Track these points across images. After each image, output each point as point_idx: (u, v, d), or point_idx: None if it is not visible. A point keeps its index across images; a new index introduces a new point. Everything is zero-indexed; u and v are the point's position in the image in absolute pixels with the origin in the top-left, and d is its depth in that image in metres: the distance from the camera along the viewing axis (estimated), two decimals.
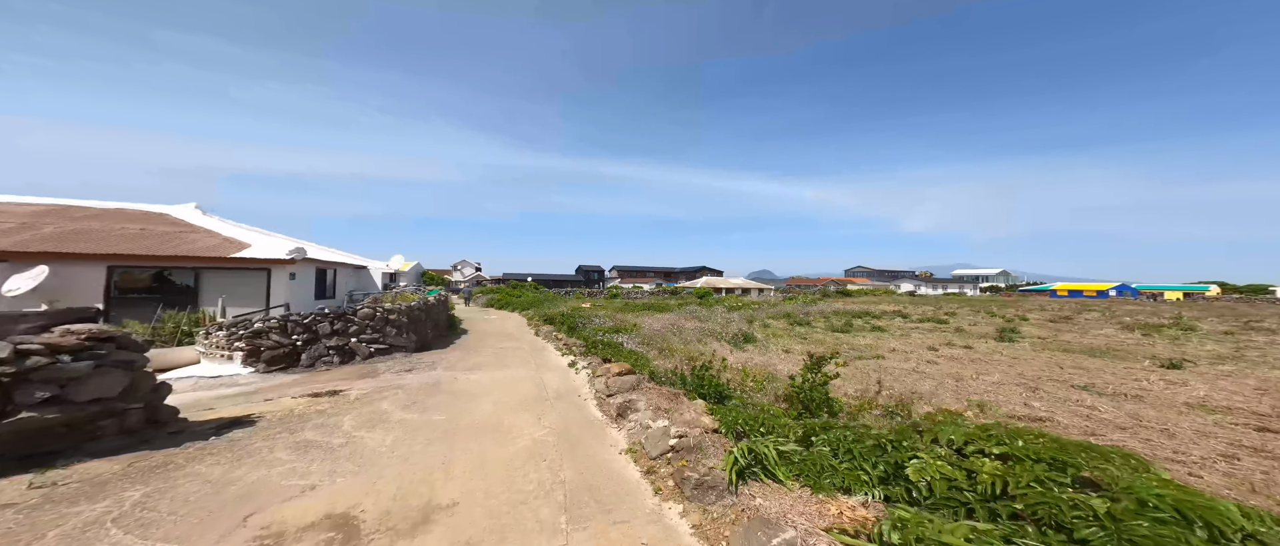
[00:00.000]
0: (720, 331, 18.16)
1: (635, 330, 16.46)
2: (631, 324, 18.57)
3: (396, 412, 7.54)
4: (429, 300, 16.59)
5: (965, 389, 10.04)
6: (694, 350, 13.58)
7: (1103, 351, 15.31)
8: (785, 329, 21.01)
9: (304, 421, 6.93)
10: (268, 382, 9.69)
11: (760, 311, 27.62)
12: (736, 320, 22.39)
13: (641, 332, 16.17)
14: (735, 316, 23.55)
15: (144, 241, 13.68)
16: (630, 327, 16.79)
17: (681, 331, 16.92)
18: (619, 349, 12.52)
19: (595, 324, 19.03)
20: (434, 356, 12.96)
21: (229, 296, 14.05)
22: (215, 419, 6.93)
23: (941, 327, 22.95)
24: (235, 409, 7.60)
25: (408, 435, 6.43)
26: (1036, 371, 11.99)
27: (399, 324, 12.89)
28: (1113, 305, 47.30)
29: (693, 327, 18.32)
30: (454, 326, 21.39)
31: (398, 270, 23.49)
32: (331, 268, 17.55)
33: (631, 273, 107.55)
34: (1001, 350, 15.70)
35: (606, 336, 14.99)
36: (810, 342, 16.64)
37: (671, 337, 15.55)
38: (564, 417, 7.37)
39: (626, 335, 15.40)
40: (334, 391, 8.75)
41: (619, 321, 19.94)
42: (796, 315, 25.65)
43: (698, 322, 21.10)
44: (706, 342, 15.55)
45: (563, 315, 21.17)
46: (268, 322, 10.71)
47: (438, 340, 16.10)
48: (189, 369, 10.11)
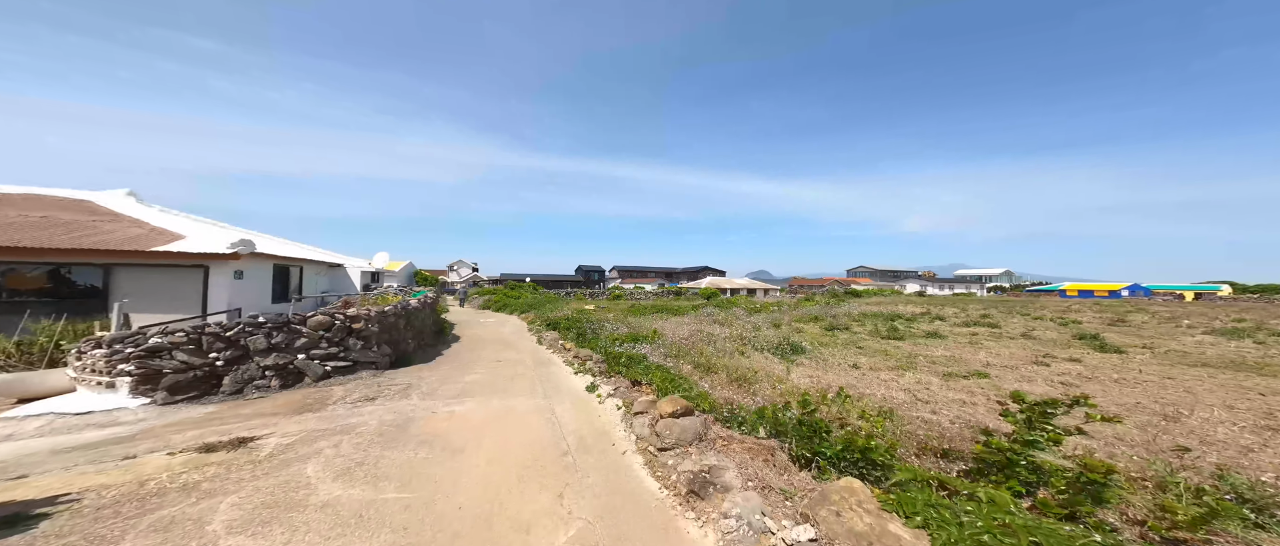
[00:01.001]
0: (752, 338, 15.34)
1: (655, 338, 13.55)
2: (649, 330, 15.67)
3: (324, 484, 4.61)
4: (411, 303, 13.66)
5: (1207, 435, 6.82)
6: (736, 365, 10.73)
7: (1248, 365, 12.37)
8: (824, 335, 18.15)
9: (145, 509, 4.01)
10: (162, 420, 6.73)
11: (782, 314, 24.78)
12: (764, 325, 19.54)
13: (664, 341, 13.27)
14: (760, 320, 20.68)
15: (38, 231, 10.69)
16: (649, 335, 13.87)
17: (713, 340, 14.02)
18: (645, 364, 9.67)
19: (607, 330, 16.17)
20: (411, 374, 10.02)
21: (154, 300, 11.06)
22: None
23: (996, 332, 20.14)
24: (57, 478, 4.66)
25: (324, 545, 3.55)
26: (1231, 395, 8.92)
27: (367, 334, 9.95)
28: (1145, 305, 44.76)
29: (721, 334, 15.42)
30: (444, 332, 18.45)
31: (382, 269, 20.54)
32: (297, 265, 14.54)
33: (632, 273, 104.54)
34: (1117, 362, 12.86)
35: (624, 346, 12.14)
36: (870, 353, 13.80)
37: (703, 347, 12.66)
38: (602, 496, 4.47)
39: (648, 344, 12.52)
40: (242, 439, 5.79)
41: (633, 327, 17.11)
42: (825, 318, 22.85)
43: (721, 328, 18.24)
44: (747, 354, 12.68)
45: (568, 320, 18.27)
46: (174, 336, 7.74)
47: (421, 351, 13.15)
48: (51, 402, 7.15)
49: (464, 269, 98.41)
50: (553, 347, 14.15)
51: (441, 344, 15.06)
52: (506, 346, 15.09)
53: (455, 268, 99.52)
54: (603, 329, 16.64)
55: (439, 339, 15.62)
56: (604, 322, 17.74)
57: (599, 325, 17.10)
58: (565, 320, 18.09)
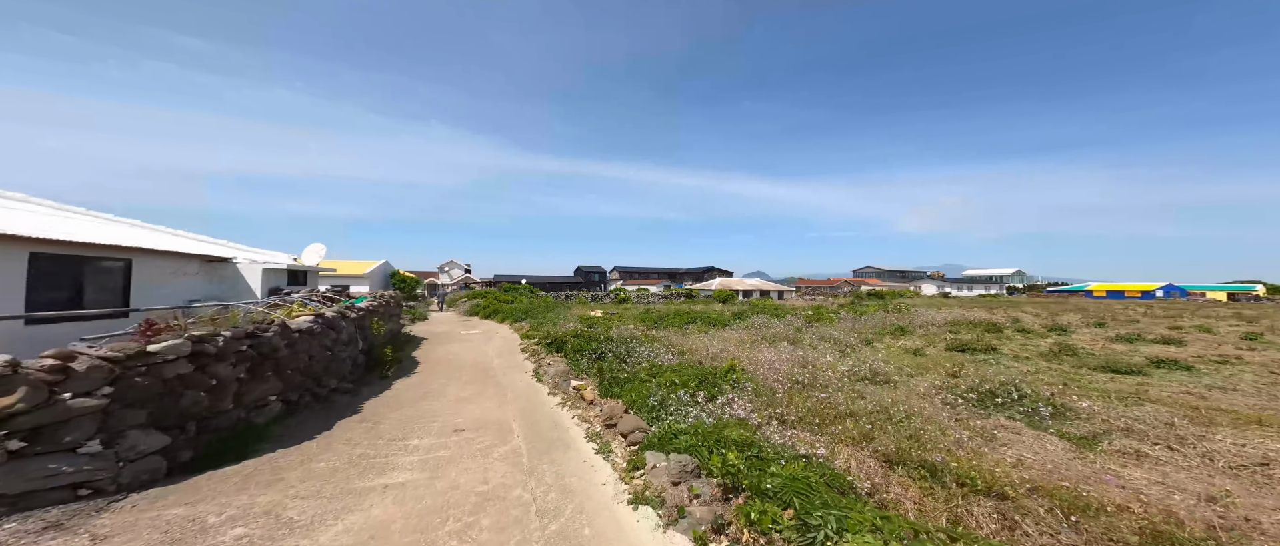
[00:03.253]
0: (861, 362, 10.03)
1: (735, 376, 8.15)
2: (705, 356, 10.32)
3: None
4: (293, 325, 8.14)
5: None
6: (929, 439, 5.49)
7: None
8: (944, 357, 12.71)
9: None
10: None
11: (846, 323, 19.35)
12: (849, 338, 14.20)
13: (753, 380, 7.90)
14: (840, 334, 15.30)
15: None
16: (721, 372, 8.43)
17: (819, 376, 8.63)
18: (772, 463, 4.33)
19: (639, 354, 10.81)
20: (217, 497, 4.63)
21: None
22: None
23: (1100, 336, 14.81)
24: None
25: None
26: None
27: (86, 412, 4.37)
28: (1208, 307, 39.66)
29: (822, 363, 10.04)
30: (398, 352, 13.04)
31: (314, 267, 14.95)
32: (113, 257, 8.50)
33: (634, 273, 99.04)
34: None
35: (689, 399, 6.79)
36: (1131, 401, 8.41)
37: (834, 395, 7.30)
38: None
39: (732, 388, 7.18)
40: None
41: (674, 348, 11.81)
42: (910, 330, 17.58)
43: (791, 346, 12.85)
44: (950, 417, 7.28)
45: (578, 338, 12.85)
46: None
47: (318, 406, 7.65)
48: None
49: (455, 270, 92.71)
50: (560, 392, 8.71)
51: (371, 383, 9.57)
52: (485, 382, 9.66)
53: (446, 268, 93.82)
54: (631, 352, 11.23)
55: (374, 371, 10.11)
56: (629, 342, 12.32)
57: (624, 347, 11.69)
58: (574, 339, 12.65)
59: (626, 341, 12.24)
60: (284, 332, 6.38)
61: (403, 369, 11.05)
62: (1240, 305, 47.71)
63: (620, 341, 12.37)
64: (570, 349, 12.22)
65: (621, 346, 11.81)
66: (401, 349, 13.82)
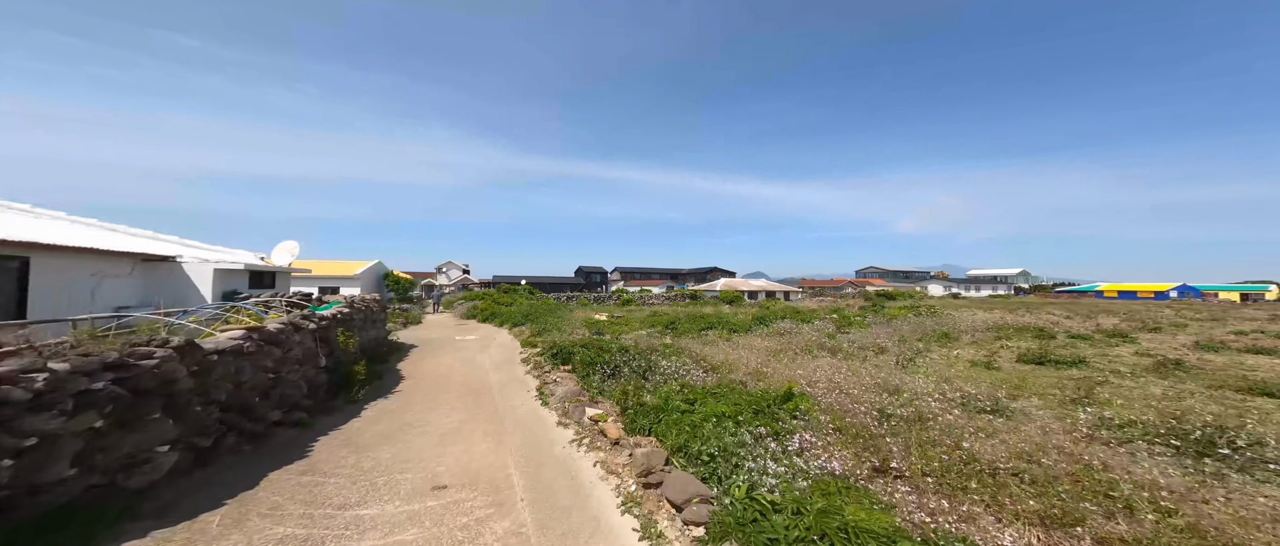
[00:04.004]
0: (930, 378, 8.22)
1: (796, 402, 6.28)
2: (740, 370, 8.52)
3: None
4: (210, 344, 6.35)
5: None
6: None
7: None
8: (1030, 373, 10.79)
9: None
10: None
11: (876, 328, 17.52)
12: (894, 346, 12.36)
13: (831, 412, 6.06)
14: (882, 341, 13.47)
15: None
16: (776, 398, 6.56)
17: (919, 408, 6.79)
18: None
19: (663, 370, 8.99)
20: None
21: None
22: None
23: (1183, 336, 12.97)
24: None
25: None
26: None
27: None
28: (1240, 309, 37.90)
29: (904, 385, 8.21)
30: (382, 360, 11.19)
31: (284, 268, 12.95)
32: None
33: (636, 274, 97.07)
34: None
35: (742, 434, 4.98)
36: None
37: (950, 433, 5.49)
38: None
39: (800, 421, 5.36)
40: None
41: (695, 356, 10.01)
42: (954, 334, 15.76)
43: (833, 356, 11.02)
44: None
45: (586, 348, 11.01)
46: None
47: (244, 448, 5.81)
48: None
49: (453, 271, 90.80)
50: (572, 423, 6.86)
51: (336, 409, 7.73)
52: (478, 407, 7.82)
53: (444, 269, 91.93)
54: (653, 368, 9.39)
55: (341, 394, 8.24)
56: (648, 355, 10.47)
57: (643, 361, 9.84)
58: (583, 351, 10.81)
59: (645, 353, 10.41)
60: (189, 355, 4.54)
61: (380, 388, 9.20)
62: (1274, 305, 45.98)
63: (638, 353, 10.53)
64: (579, 362, 10.37)
65: (640, 359, 9.98)
66: (384, 361, 11.98)
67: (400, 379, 10.21)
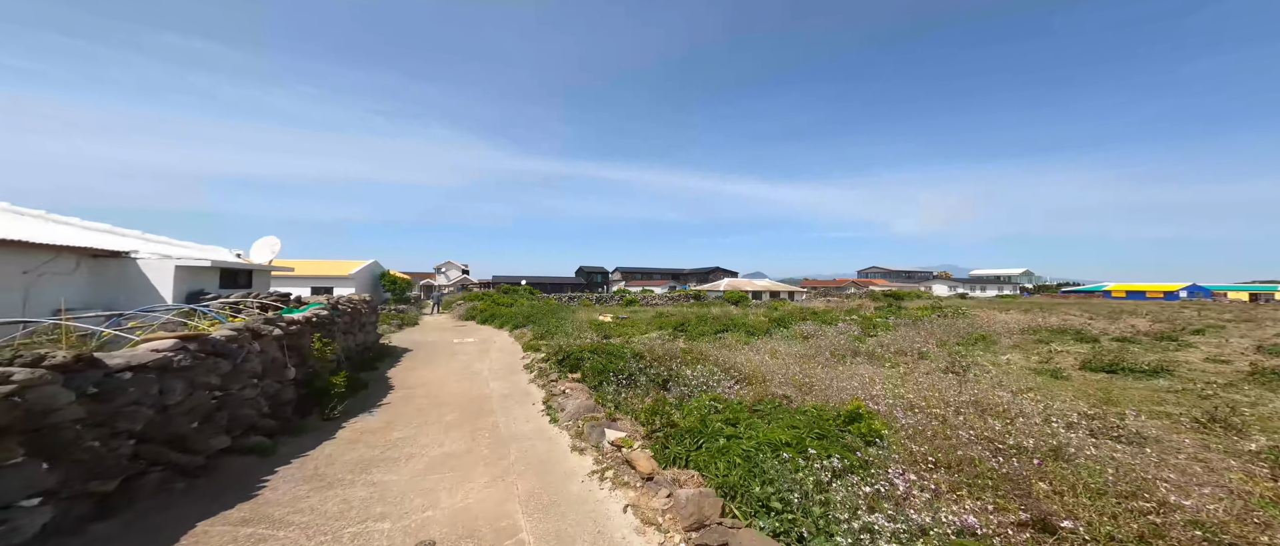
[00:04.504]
0: (1004, 389, 7.04)
1: (863, 424, 5.06)
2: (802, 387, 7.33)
3: None
4: (115, 360, 5.18)
5: None
6: None
7: None
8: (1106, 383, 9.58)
9: None
10: None
11: (903, 330, 16.32)
12: (934, 350, 11.19)
13: (921, 439, 4.86)
14: (920, 344, 12.28)
15: None
16: (839, 419, 5.32)
17: (1019, 433, 5.58)
18: None
19: (686, 379, 7.82)
20: None
21: None
22: None
23: None
24: None
25: None
26: None
27: None
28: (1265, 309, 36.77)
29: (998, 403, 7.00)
30: (371, 366, 9.98)
31: (264, 266, 11.64)
32: None
33: (637, 274, 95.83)
34: None
35: (805, 443, 3.83)
36: None
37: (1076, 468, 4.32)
38: None
39: (873, 447, 4.19)
40: None
41: (719, 363, 8.84)
42: (980, 335, 14.60)
43: (872, 363, 9.86)
44: None
45: (596, 354, 9.84)
46: None
47: (170, 489, 4.63)
48: None
49: (453, 271, 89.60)
50: (590, 448, 5.69)
51: (306, 431, 6.55)
52: (476, 427, 6.64)
53: (443, 269, 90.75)
54: (676, 377, 8.23)
55: (314, 411, 7.05)
56: (668, 361, 9.29)
57: (663, 368, 8.66)
58: (593, 356, 9.62)
59: (663, 360, 9.23)
60: (77, 377, 3.36)
61: (365, 400, 8.01)
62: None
63: (656, 359, 9.35)
64: (590, 370, 9.19)
65: (658, 367, 8.80)
66: (373, 368, 10.79)
67: (388, 389, 9.02)
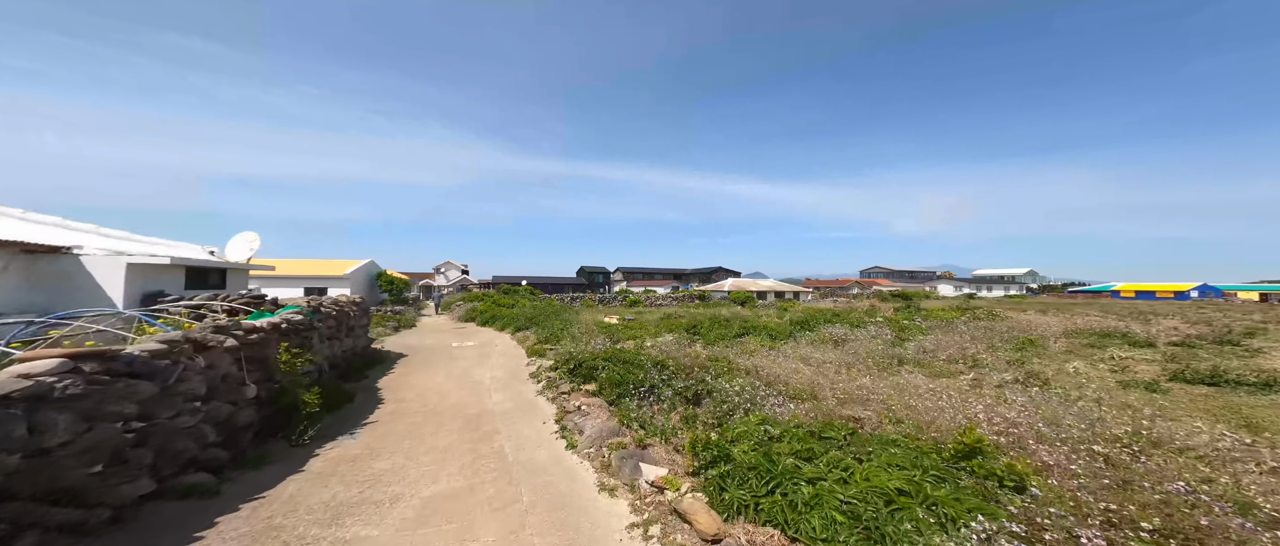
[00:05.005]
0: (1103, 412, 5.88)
1: (998, 466, 3.81)
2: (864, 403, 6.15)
3: None
4: None
5: None
6: None
7: None
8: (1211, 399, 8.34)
9: None
10: None
11: (938, 333, 15.11)
12: (984, 355, 10.02)
13: (1096, 490, 3.62)
14: (967, 347, 11.12)
15: None
16: (954, 455, 4.06)
17: None
18: None
19: (725, 394, 6.63)
20: None
21: None
22: None
23: None
24: None
25: None
26: None
27: None
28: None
29: None
30: (359, 375, 8.77)
31: (239, 265, 10.33)
32: None
33: (639, 274, 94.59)
34: None
35: (920, 496, 2.67)
36: None
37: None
38: None
39: (1016, 498, 3.00)
40: None
41: (769, 378, 7.66)
42: (1027, 339, 13.41)
43: (927, 375, 8.70)
44: None
45: (612, 363, 8.67)
46: None
47: None
48: None
49: (452, 271, 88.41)
50: (621, 487, 4.51)
51: (270, 461, 5.37)
52: (477, 454, 5.47)
53: (442, 269, 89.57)
54: (710, 391, 7.05)
55: (281, 435, 5.87)
56: (697, 372, 8.09)
57: (694, 381, 7.47)
58: (609, 366, 8.43)
59: (689, 369, 8.05)
60: None
61: (345, 419, 6.83)
62: None
63: (680, 370, 8.17)
64: (606, 381, 8.00)
65: (687, 378, 7.63)
66: (362, 376, 9.59)
67: (377, 402, 7.83)
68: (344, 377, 8.95)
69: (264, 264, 11.74)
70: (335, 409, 7.15)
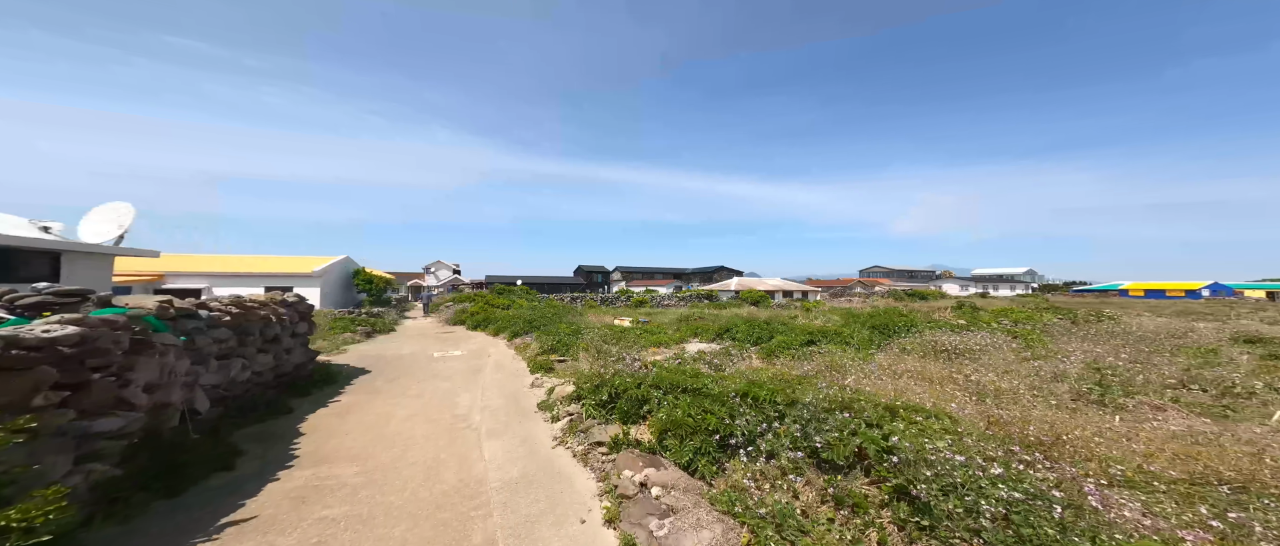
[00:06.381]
0: None
1: None
2: None
3: None
4: None
5: None
6: None
7: None
8: None
9: None
10: None
11: (1083, 333, 12.02)
12: (1165, 366, 6.98)
13: None
14: (1131, 364, 8.07)
15: None
16: None
17: None
18: None
19: (909, 452, 3.51)
20: None
21: None
22: None
23: None
24: None
25: None
26: None
27: None
28: None
29: None
30: (278, 413, 5.58)
31: (102, 249, 6.94)
32: None
33: (638, 273, 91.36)
34: None
35: None
36: None
37: None
38: None
39: None
40: None
41: (875, 403, 4.62)
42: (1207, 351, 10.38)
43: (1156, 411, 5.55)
44: None
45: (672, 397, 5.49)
46: None
47: None
48: None
49: (443, 271, 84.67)
50: None
51: None
52: None
53: (432, 269, 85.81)
54: (884, 445, 3.80)
55: None
56: (811, 409, 4.88)
57: (807, 418, 4.27)
58: (663, 395, 5.20)
59: (788, 402, 4.87)
60: None
61: (175, 529, 3.55)
62: None
63: (788, 404, 4.98)
64: (666, 422, 4.80)
65: (796, 419, 4.46)
66: (281, 411, 6.30)
67: (276, 469, 4.56)
68: (245, 416, 5.67)
69: (143, 251, 8.26)
70: (177, 491, 3.88)
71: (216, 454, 4.60)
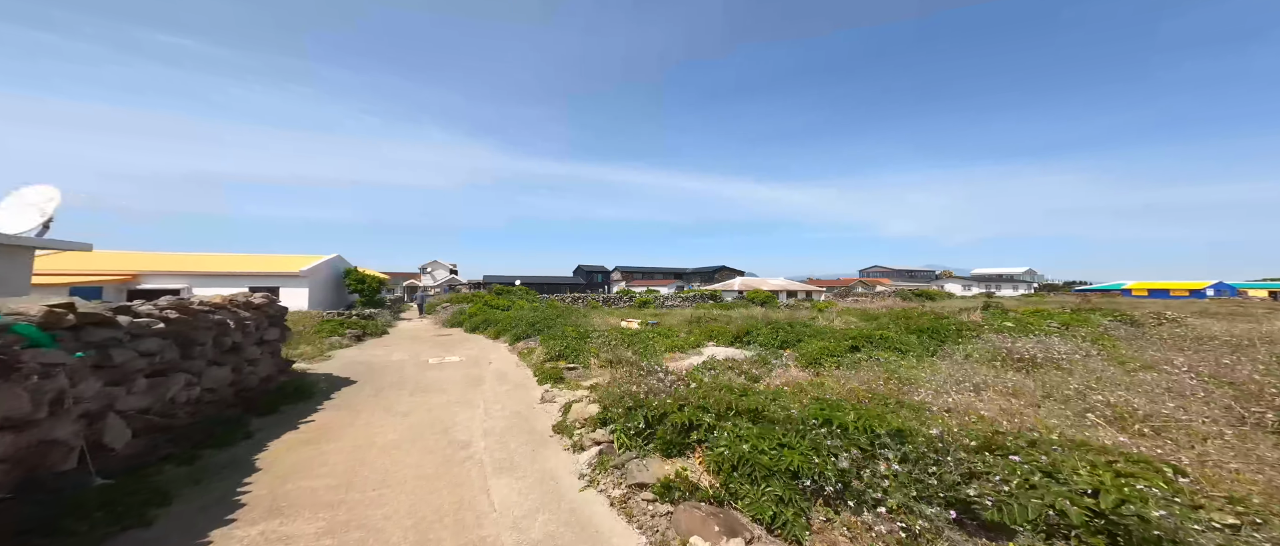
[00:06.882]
0: None
1: None
2: None
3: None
4: None
5: None
6: None
7: None
8: None
9: None
10: None
11: (1146, 336, 10.91)
12: None
13: None
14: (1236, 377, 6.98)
15: None
16: None
17: None
18: None
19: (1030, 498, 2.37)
20: None
21: None
22: None
23: None
24: None
25: None
26: None
27: None
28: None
29: None
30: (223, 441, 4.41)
31: (19, 240, 5.81)
32: None
33: (638, 273, 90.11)
34: None
35: None
36: None
37: None
38: None
39: None
40: None
41: (989, 437, 3.48)
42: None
43: None
44: None
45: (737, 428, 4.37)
46: None
47: None
48: None
49: (439, 271, 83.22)
50: None
51: None
52: None
53: (429, 269, 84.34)
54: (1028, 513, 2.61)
55: None
56: (930, 444, 3.72)
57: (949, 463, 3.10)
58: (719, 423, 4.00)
59: (892, 432, 3.72)
60: None
61: None
62: None
63: (888, 434, 3.83)
64: (733, 461, 3.64)
65: (908, 459, 3.32)
66: (236, 436, 5.10)
67: (213, 525, 3.36)
68: (187, 447, 4.46)
69: (71, 244, 6.90)
70: None
71: (131, 504, 3.39)
